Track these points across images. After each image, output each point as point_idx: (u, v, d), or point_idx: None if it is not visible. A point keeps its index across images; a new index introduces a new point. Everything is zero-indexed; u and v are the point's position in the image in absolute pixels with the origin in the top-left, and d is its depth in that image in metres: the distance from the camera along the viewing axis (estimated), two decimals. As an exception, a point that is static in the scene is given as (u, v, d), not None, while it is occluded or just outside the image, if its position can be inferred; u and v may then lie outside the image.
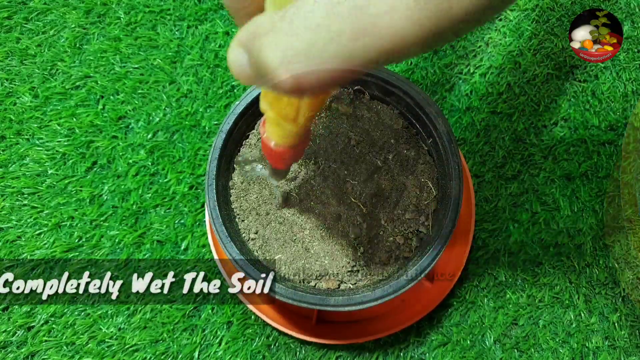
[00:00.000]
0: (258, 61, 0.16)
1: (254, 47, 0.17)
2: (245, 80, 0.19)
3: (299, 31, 0.15)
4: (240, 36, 0.18)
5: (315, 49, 0.15)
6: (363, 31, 0.14)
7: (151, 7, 0.57)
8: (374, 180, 0.39)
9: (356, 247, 0.37)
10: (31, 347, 0.45)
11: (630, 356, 0.46)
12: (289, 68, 0.15)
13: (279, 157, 0.29)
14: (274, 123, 0.26)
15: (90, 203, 0.49)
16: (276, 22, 0.16)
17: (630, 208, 0.50)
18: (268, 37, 0.16)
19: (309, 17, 0.15)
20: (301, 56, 0.15)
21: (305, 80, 0.15)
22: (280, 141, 0.28)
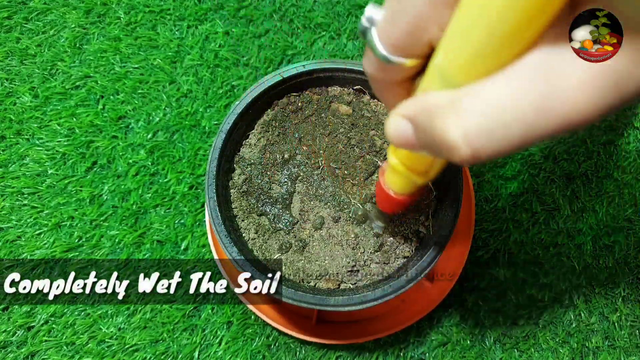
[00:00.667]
0: (433, 135, 0.18)
1: (428, 121, 0.18)
2: (406, 147, 0.20)
3: (484, 112, 0.16)
4: (407, 109, 0.19)
5: (499, 128, 0.16)
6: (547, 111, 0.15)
7: (151, 7, 0.57)
8: (373, 180, 0.39)
9: (356, 247, 0.37)
10: (31, 347, 0.45)
11: (630, 356, 0.46)
12: (471, 144, 0.16)
13: (396, 204, 0.31)
14: (401, 175, 0.27)
15: (90, 203, 0.49)
16: (457, 101, 0.17)
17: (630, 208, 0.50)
18: (450, 114, 0.17)
19: (496, 99, 0.16)
20: (484, 135, 0.16)
21: (484, 154, 0.16)
22: (401, 191, 0.30)
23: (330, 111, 0.41)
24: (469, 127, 0.16)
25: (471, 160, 0.17)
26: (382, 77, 0.22)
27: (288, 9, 0.57)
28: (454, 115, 0.17)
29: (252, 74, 0.54)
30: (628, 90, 0.15)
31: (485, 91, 0.16)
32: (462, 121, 0.16)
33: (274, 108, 0.41)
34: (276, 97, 0.41)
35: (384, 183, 0.31)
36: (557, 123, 0.15)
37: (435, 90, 0.19)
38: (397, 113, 0.20)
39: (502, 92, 0.16)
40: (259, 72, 0.54)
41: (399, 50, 0.20)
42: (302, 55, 0.55)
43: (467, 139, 0.16)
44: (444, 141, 0.17)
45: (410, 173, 0.26)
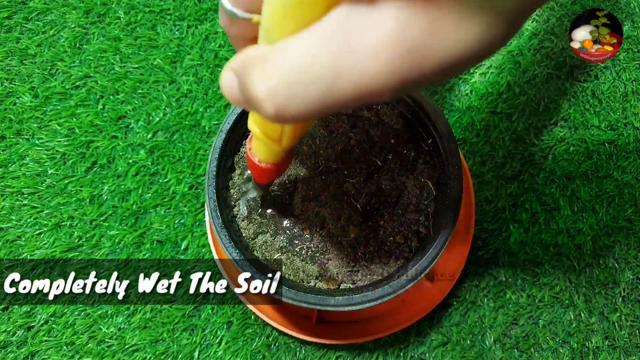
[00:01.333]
0: (245, 89, 0.18)
1: (243, 75, 0.18)
2: (233, 102, 0.20)
3: (285, 68, 0.16)
4: (233, 62, 0.19)
5: (299, 87, 0.16)
6: (344, 76, 0.15)
7: (151, 7, 0.57)
8: (374, 180, 0.39)
9: (356, 247, 0.37)
10: (31, 347, 0.45)
11: (630, 356, 0.46)
12: (274, 100, 0.16)
13: (262, 172, 0.31)
14: (260, 141, 0.27)
15: (90, 203, 0.49)
16: (266, 56, 0.17)
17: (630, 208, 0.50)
18: (257, 69, 0.17)
19: (296, 56, 0.16)
20: (284, 91, 0.16)
21: (287, 112, 0.16)
22: (264, 158, 0.30)
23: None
24: (272, 83, 0.16)
25: (276, 118, 0.17)
26: (234, 32, 0.23)
27: (288, 9, 0.57)
28: (261, 70, 0.17)
29: (252, 74, 0.54)
30: (426, 62, 0.14)
31: (290, 48, 0.16)
32: (266, 76, 0.16)
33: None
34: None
35: (249, 149, 0.30)
36: (352, 89, 0.15)
37: (259, 45, 0.19)
38: (227, 66, 0.20)
39: (303, 50, 0.15)
40: (259, 72, 0.54)
41: (241, 4, 0.21)
42: (302, 55, 0.55)
43: (270, 95, 0.16)
44: (253, 95, 0.17)
45: (265, 138, 0.26)
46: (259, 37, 0.19)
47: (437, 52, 0.14)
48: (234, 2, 0.21)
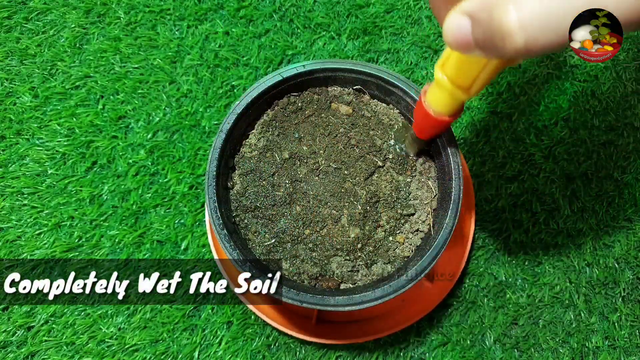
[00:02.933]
0: (491, 26, 0.18)
1: (488, 13, 0.18)
2: (461, 46, 0.21)
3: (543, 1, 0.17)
4: (467, 5, 0.20)
5: (555, 17, 0.17)
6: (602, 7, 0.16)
7: (151, 7, 0.57)
8: (374, 180, 0.39)
9: (356, 247, 0.37)
10: (31, 347, 0.45)
11: (630, 356, 0.46)
12: (527, 31, 0.17)
13: (435, 124, 0.32)
14: (445, 91, 0.29)
15: (90, 203, 0.49)
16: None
17: (630, 208, 0.50)
18: (506, 4, 0.18)
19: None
20: (540, 22, 0.17)
21: (537, 43, 0.17)
22: (442, 109, 0.31)
23: (330, 111, 0.41)
24: (526, 14, 0.17)
25: (524, 51, 0.18)
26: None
27: (288, 9, 0.57)
28: (513, 5, 0.17)
29: (252, 74, 0.54)
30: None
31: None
32: (519, 9, 0.17)
33: (274, 108, 0.41)
34: (276, 97, 0.41)
35: (424, 101, 0.32)
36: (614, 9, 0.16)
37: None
38: (456, 10, 0.21)
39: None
40: (259, 72, 0.54)
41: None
42: (302, 55, 0.55)
43: (523, 26, 0.17)
44: (502, 29, 0.18)
45: (454, 88, 0.28)
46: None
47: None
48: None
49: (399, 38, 0.56)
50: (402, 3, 0.57)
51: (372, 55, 0.55)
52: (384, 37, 0.56)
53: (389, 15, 0.57)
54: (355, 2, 0.57)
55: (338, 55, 0.55)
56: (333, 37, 0.56)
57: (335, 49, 0.56)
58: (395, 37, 0.56)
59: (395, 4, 0.57)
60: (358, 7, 0.57)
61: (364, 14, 0.57)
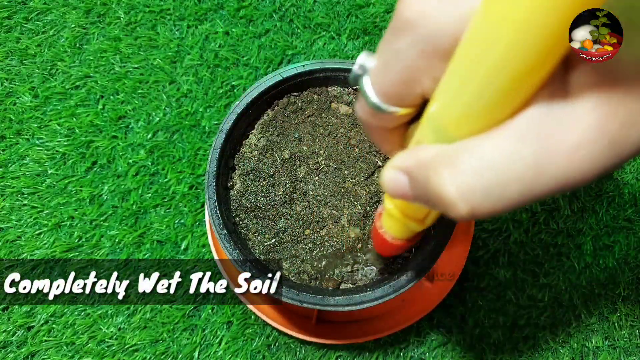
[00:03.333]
0: (428, 190, 0.17)
1: (423, 176, 0.18)
2: (400, 198, 0.20)
3: (480, 170, 0.16)
4: (402, 161, 0.19)
5: (496, 188, 0.16)
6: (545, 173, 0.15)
7: (151, 7, 0.57)
8: (374, 180, 0.39)
9: (356, 247, 0.37)
10: (31, 347, 0.45)
11: (630, 356, 0.46)
12: (468, 202, 0.16)
13: (393, 248, 0.31)
14: (398, 221, 0.27)
15: (90, 203, 0.49)
16: (452, 157, 0.17)
17: (630, 208, 0.50)
18: (444, 170, 0.17)
19: (491, 157, 0.16)
20: (480, 193, 0.16)
21: (482, 211, 0.16)
22: (398, 235, 0.29)
23: (330, 111, 0.41)
24: (465, 185, 0.16)
25: (468, 217, 0.17)
26: (375, 124, 0.22)
27: (288, 9, 0.57)
28: (450, 172, 0.16)
29: (252, 74, 0.54)
30: (624, 151, 0.14)
31: (480, 149, 0.16)
32: (458, 178, 0.16)
33: (274, 108, 0.41)
34: (276, 97, 0.41)
35: (380, 227, 0.30)
36: (553, 184, 0.15)
37: (429, 143, 0.19)
38: (392, 165, 0.20)
39: (497, 151, 0.15)
40: (259, 72, 0.54)
41: (391, 99, 0.20)
42: (302, 55, 0.55)
43: (464, 196, 0.16)
44: (440, 197, 0.17)
45: (406, 219, 0.26)
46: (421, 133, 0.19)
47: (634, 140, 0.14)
48: (383, 97, 0.20)
49: (399, 38, 0.56)
50: (402, 3, 0.57)
51: (372, 55, 0.55)
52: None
53: (389, 15, 0.57)
54: (355, 2, 0.57)
55: (338, 55, 0.55)
56: (333, 37, 0.56)
57: (335, 49, 0.56)
58: (395, 37, 0.56)
59: (395, 4, 0.57)
60: (358, 7, 0.57)
61: (364, 14, 0.57)
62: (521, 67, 0.14)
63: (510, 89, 0.15)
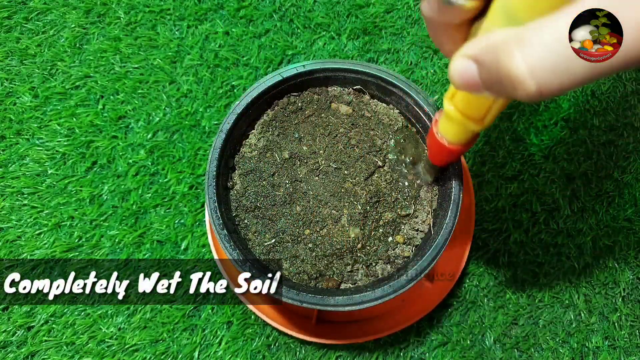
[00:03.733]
0: (499, 71, 0.18)
1: (494, 58, 0.18)
2: (470, 88, 0.20)
3: (549, 46, 0.16)
4: (472, 48, 0.19)
5: (564, 63, 0.16)
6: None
7: (151, 7, 0.57)
8: (373, 180, 0.39)
9: (356, 247, 0.37)
10: (31, 347, 0.45)
11: (630, 356, 0.46)
12: (538, 78, 0.17)
13: (449, 154, 0.31)
14: (456, 122, 0.27)
15: (90, 203, 0.49)
16: (521, 37, 0.17)
17: (630, 208, 0.50)
18: (513, 50, 0.17)
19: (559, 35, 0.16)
20: (550, 68, 0.16)
21: (550, 88, 0.17)
22: (455, 139, 0.29)
23: (330, 111, 0.41)
24: (535, 60, 0.16)
25: (536, 96, 0.17)
26: (440, 19, 0.22)
27: (288, 9, 0.57)
28: (520, 49, 0.17)
29: (252, 74, 0.54)
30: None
31: (551, 26, 0.16)
32: (528, 55, 0.17)
33: (274, 108, 0.41)
34: (276, 97, 0.41)
35: (437, 132, 0.30)
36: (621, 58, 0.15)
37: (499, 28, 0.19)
38: (461, 54, 0.20)
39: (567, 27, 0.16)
40: (259, 72, 0.54)
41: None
42: (302, 55, 0.55)
43: (533, 72, 0.16)
44: (510, 76, 0.17)
45: (466, 120, 0.26)
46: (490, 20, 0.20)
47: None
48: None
49: (399, 38, 0.56)
50: (402, 3, 0.57)
51: (372, 55, 0.55)
52: (384, 37, 0.56)
53: (389, 15, 0.57)
54: (355, 2, 0.57)
55: (338, 55, 0.55)
56: (333, 37, 0.56)
57: (335, 49, 0.56)
58: (395, 37, 0.56)
59: (395, 4, 0.57)
60: (358, 7, 0.57)
61: (364, 14, 0.57)
62: None
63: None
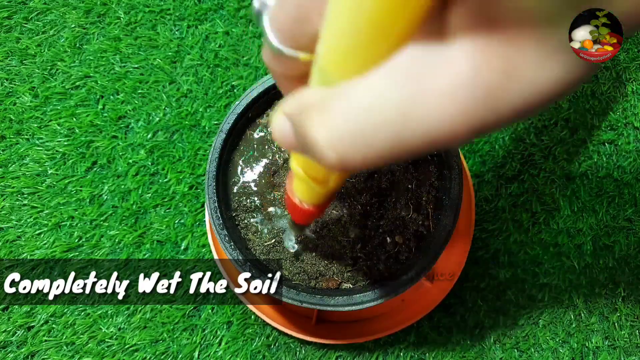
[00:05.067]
0: (303, 135, 0.16)
1: (300, 121, 0.16)
2: (287, 147, 0.19)
3: (349, 114, 0.15)
4: (287, 106, 0.18)
5: (364, 133, 0.14)
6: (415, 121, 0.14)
7: (151, 7, 0.57)
8: (374, 180, 0.39)
9: (356, 247, 0.37)
10: (31, 347, 0.45)
11: (630, 356, 0.46)
12: (336, 149, 0.15)
13: (303, 214, 0.30)
14: (303, 182, 0.26)
15: (90, 203, 0.49)
16: (326, 100, 0.15)
17: (630, 208, 0.50)
18: (316, 115, 0.16)
19: (360, 101, 0.14)
20: (348, 139, 0.15)
21: (351, 160, 0.15)
22: (305, 199, 0.28)
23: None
24: (334, 129, 0.15)
25: (339, 167, 0.15)
26: (279, 69, 0.21)
27: (288, 9, 0.57)
28: (321, 115, 0.15)
29: (252, 74, 0.54)
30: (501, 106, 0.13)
31: (353, 91, 0.15)
32: (327, 123, 0.15)
33: (273, 108, 0.41)
34: (276, 97, 0.41)
35: (290, 190, 0.29)
36: (423, 133, 0.14)
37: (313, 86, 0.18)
38: (279, 110, 0.19)
39: (369, 94, 0.14)
40: (259, 72, 0.54)
41: (288, 40, 0.18)
42: (302, 55, 0.55)
43: (331, 142, 0.15)
44: (311, 144, 0.16)
45: (309, 180, 0.25)
46: (311, 76, 0.18)
47: (513, 94, 0.13)
48: (282, 38, 0.19)
49: (399, 38, 0.56)
50: (402, 3, 0.57)
51: (372, 55, 0.55)
52: (384, 37, 0.56)
53: (389, 15, 0.57)
54: (355, 2, 0.57)
55: (338, 55, 0.55)
56: (333, 37, 0.56)
57: (335, 49, 0.55)
58: (395, 37, 0.56)
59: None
60: (358, 7, 0.57)
61: (364, 14, 0.57)
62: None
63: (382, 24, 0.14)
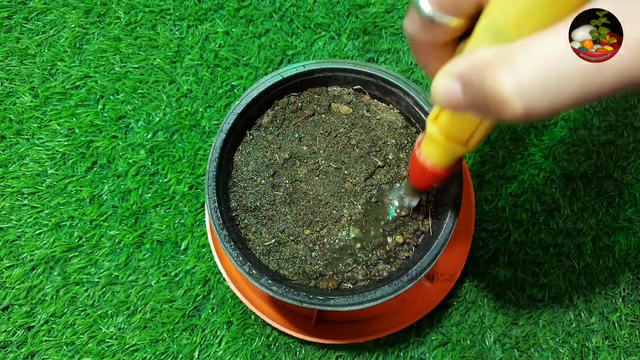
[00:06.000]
0: (484, 91, 0.17)
1: (478, 77, 0.17)
2: (453, 107, 0.19)
3: (537, 66, 0.15)
4: (456, 66, 0.18)
5: (554, 83, 0.15)
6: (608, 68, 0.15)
7: (151, 7, 0.57)
8: (374, 180, 0.39)
9: (356, 247, 0.37)
10: (31, 347, 0.45)
11: (630, 356, 0.46)
12: (524, 97, 0.16)
13: (431, 177, 0.30)
14: (440, 145, 0.27)
15: (90, 203, 0.49)
16: (510, 54, 0.16)
17: (630, 208, 0.50)
18: (501, 67, 0.16)
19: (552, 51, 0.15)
20: (539, 87, 0.15)
21: (538, 109, 0.16)
22: (438, 162, 0.29)
23: (330, 111, 0.41)
24: (523, 80, 0.15)
25: (523, 117, 0.16)
26: (425, 38, 0.21)
27: (288, 9, 0.57)
28: (507, 68, 0.16)
29: (252, 74, 0.54)
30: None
31: (541, 44, 0.15)
32: (515, 74, 0.16)
33: (274, 108, 0.41)
34: (276, 97, 0.41)
35: (419, 155, 0.29)
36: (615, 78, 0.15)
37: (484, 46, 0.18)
38: (445, 72, 0.19)
39: (559, 45, 0.15)
40: (259, 72, 0.54)
41: (445, 7, 0.19)
42: (302, 55, 0.55)
43: (521, 92, 0.16)
44: (496, 96, 0.16)
45: (449, 142, 0.26)
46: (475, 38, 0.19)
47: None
48: (438, 5, 0.19)
49: (399, 38, 0.56)
50: (402, 3, 0.57)
51: (372, 55, 0.55)
52: (384, 37, 0.56)
53: (389, 15, 0.57)
54: (355, 2, 0.57)
55: (338, 55, 0.55)
56: (333, 37, 0.56)
57: (335, 49, 0.56)
58: (395, 37, 0.56)
59: (395, 4, 0.57)
60: (358, 7, 0.57)
61: (364, 14, 0.57)
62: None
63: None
